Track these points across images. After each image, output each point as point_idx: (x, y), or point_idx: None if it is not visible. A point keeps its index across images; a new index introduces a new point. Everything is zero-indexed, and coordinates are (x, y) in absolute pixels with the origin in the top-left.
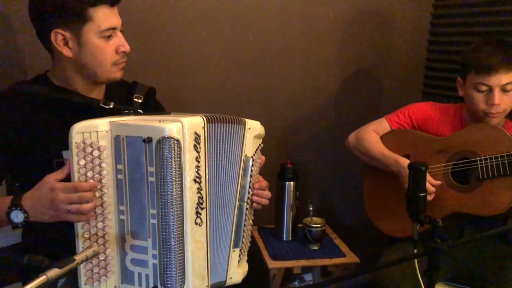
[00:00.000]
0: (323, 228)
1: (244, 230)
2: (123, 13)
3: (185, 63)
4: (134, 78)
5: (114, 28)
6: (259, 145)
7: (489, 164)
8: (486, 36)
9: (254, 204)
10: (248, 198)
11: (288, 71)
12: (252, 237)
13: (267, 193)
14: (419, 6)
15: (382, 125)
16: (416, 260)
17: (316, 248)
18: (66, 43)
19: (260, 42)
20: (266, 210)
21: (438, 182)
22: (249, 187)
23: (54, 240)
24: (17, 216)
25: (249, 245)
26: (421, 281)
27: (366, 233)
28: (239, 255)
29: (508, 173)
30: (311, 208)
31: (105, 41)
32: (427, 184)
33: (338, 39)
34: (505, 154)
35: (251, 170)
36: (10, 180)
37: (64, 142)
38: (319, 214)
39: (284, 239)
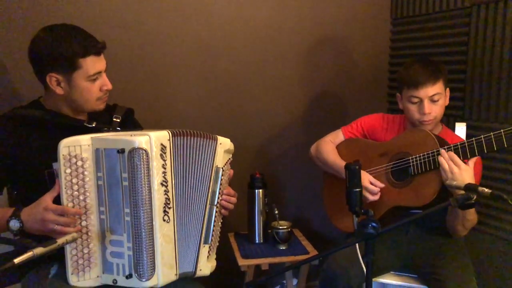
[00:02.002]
0: (289, 229)
1: (213, 230)
2: (114, 49)
3: (166, 90)
4: (121, 103)
5: (99, 72)
6: (229, 158)
7: (418, 161)
8: (416, 56)
9: (223, 211)
10: (218, 202)
11: (258, 94)
12: (228, 241)
13: (234, 199)
14: (377, 28)
15: (338, 135)
16: (357, 247)
17: (284, 248)
18: (58, 84)
19: (232, 69)
20: (240, 218)
21: (382, 185)
22: (219, 193)
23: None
24: (14, 225)
25: (217, 243)
26: (362, 263)
27: (330, 234)
28: (209, 251)
29: (432, 168)
30: (276, 212)
31: (91, 83)
32: (370, 186)
33: (304, 63)
34: (429, 152)
35: (221, 179)
36: (10, 189)
37: (53, 156)
38: (287, 219)
39: (257, 241)
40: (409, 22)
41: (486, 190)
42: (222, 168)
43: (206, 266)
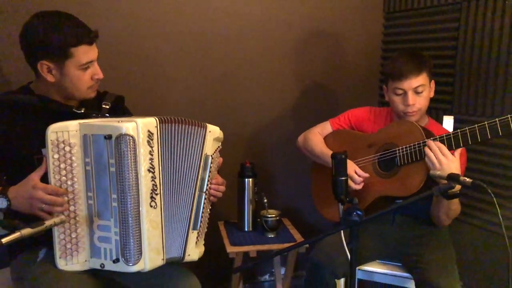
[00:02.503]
0: (278, 218)
1: (202, 216)
2: (109, 39)
3: (159, 80)
4: (115, 92)
5: (91, 61)
6: (218, 146)
7: (405, 152)
8: (402, 49)
9: (212, 198)
10: (207, 189)
11: (250, 86)
12: (217, 229)
13: (223, 188)
14: (370, 22)
15: (326, 127)
16: (342, 234)
17: (272, 236)
18: (50, 71)
19: (225, 61)
20: (230, 206)
21: (366, 175)
22: (208, 180)
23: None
24: (2, 203)
25: (206, 230)
26: (346, 250)
27: (318, 223)
28: (197, 237)
29: (419, 158)
30: (265, 201)
31: (83, 72)
32: (354, 175)
33: (296, 56)
34: (416, 143)
35: (210, 166)
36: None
37: (42, 142)
38: (276, 208)
39: (246, 229)
40: (401, 17)
41: (468, 179)
42: (211, 155)
43: (194, 251)
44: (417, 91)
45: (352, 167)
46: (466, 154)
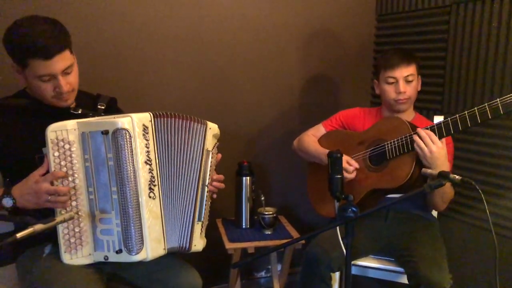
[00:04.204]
0: (275, 215)
1: (205, 208)
2: (105, 39)
3: (157, 81)
4: (111, 95)
5: (51, 74)
6: (216, 143)
7: (393, 146)
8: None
9: (212, 189)
10: (209, 182)
11: (247, 86)
12: (216, 226)
13: (221, 183)
14: (363, 24)
15: (319, 129)
16: (338, 230)
17: (269, 232)
18: (19, 74)
19: (222, 60)
20: (228, 204)
21: (357, 164)
22: (209, 174)
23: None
24: (7, 202)
25: (207, 222)
26: (342, 244)
27: (313, 220)
28: (201, 228)
29: (406, 151)
30: (263, 198)
31: (43, 82)
32: (347, 165)
33: (292, 57)
34: (403, 136)
35: (211, 162)
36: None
37: (43, 143)
38: (273, 205)
39: (243, 227)
40: (393, 19)
41: (457, 177)
42: (211, 151)
43: (199, 242)
44: (407, 79)
45: (344, 159)
46: (454, 147)
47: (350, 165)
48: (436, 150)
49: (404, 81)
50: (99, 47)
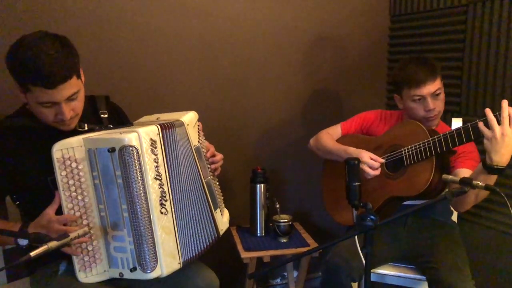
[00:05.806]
0: (290, 223)
1: (216, 194)
2: (116, 46)
3: (167, 87)
4: (122, 101)
5: (53, 102)
6: (198, 130)
7: (411, 152)
8: (409, 57)
9: (215, 170)
10: (210, 171)
11: (259, 91)
12: (230, 234)
13: (219, 157)
14: (376, 25)
15: (336, 130)
16: (357, 239)
17: (285, 240)
18: (21, 92)
19: (233, 66)
20: (243, 212)
21: (382, 160)
22: (206, 164)
23: None
24: (22, 242)
25: (222, 197)
26: (361, 254)
27: (330, 227)
28: (220, 211)
29: (424, 157)
30: (277, 206)
31: (44, 107)
32: (371, 161)
33: (303, 60)
34: (421, 143)
35: (202, 152)
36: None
37: (51, 162)
38: (288, 212)
39: (258, 235)
40: (407, 19)
41: (480, 183)
42: (199, 144)
43: (223, 223)
44: (435, 94)
45: (366, 154)
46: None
47: (374, 161)
48: (510, 134)
49: (432, 97)
50: (114, 54)
